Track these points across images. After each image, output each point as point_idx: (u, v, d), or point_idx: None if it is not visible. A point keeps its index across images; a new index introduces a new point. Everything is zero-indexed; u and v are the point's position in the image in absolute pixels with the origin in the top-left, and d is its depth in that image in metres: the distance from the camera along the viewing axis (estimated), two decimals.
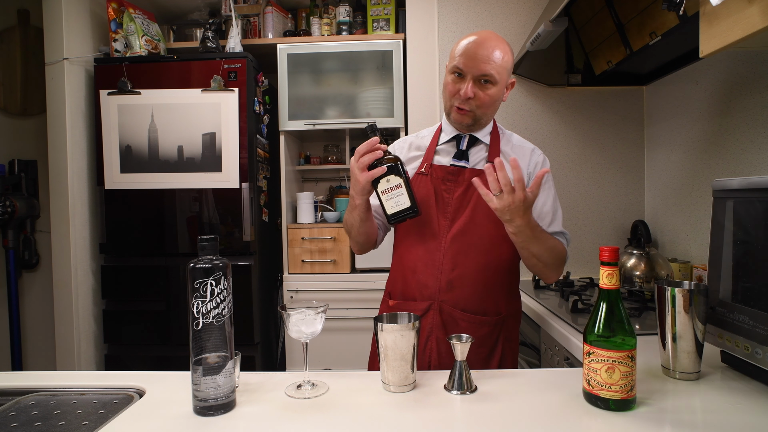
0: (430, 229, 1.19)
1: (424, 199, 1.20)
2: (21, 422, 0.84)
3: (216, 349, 0.79)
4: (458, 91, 1.15)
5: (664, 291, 0.94)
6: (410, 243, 1.23)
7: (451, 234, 1.18)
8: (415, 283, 1.20)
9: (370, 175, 1.05)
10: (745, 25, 0.92)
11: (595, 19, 1.88)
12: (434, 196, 1.20)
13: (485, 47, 1.12)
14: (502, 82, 1.15)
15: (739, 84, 1.58)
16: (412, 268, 1.21)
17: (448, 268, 1.17)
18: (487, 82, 1.13)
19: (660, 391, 0.87)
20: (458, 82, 1.15)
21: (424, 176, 1.22)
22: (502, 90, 1.17)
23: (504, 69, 1.14)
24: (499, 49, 1.13)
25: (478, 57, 1.11)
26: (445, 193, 1.20)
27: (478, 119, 1.18)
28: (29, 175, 2.65)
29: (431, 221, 1.19)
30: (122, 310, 2.28)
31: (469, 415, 0.80)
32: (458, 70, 1.14)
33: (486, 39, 1.13)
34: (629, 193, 2.29)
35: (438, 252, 1.18)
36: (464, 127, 1.21)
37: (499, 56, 1.12)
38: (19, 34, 2.70)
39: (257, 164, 2.32)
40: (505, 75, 1.15)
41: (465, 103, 1.15)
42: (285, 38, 2.49)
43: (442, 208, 1.20)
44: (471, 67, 1.12)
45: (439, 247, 1.18)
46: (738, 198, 0.91)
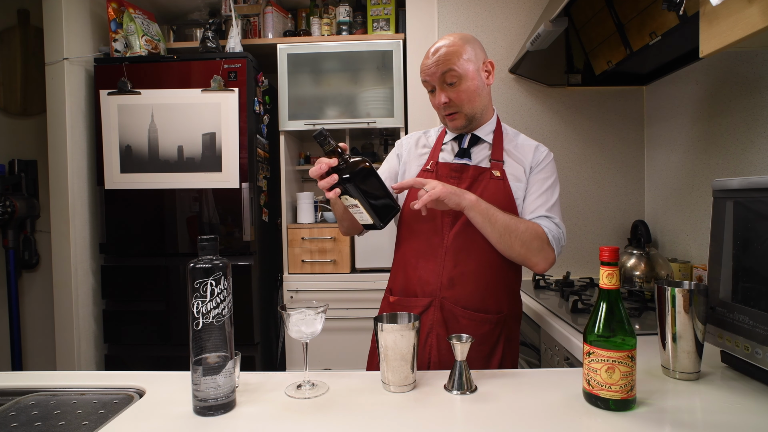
0: (433, 226, 1.19)
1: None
2: (21, 422, 0.84)
3: (216, 349, 0.80)
4: (437, 104, 1.19)
5: (664, 291, 0.94)
6: (412, 239, 1.23)
7: (453, 231, 1.17)
8: (416, 279, 1.20)
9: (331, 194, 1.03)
10: (745, 25, 0.92)
11: (595, 19, 1.88)
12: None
13: (433, 53, 1.16)
14: (469, 71, 1.15)
15: (739, 84, 1.58)
16: (414, 264, 1.21)
17: (450, 264, 1.16)
18: (452, 83, 1.15)
19: (660, 391, 0.87)
20: (434, 97, 1.20)
21: (430, 173, 1.23)
22: (477, 77, 1.17)
23: (460, 58, 1.13)
24: (446, 46, 1.14)
25: (431, 66, 1.15)
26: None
27: (469, 117, 1.19)
28: (29, 175, 2.65)
29: (434, 218, 1.19)
30: (122, 310, 2.28)
31: (469, 415, 0.80)
32: (429, 86, 1.20)
33: (435, 45, 1.17)
34: (629, 193, 2.29)
35: (440, 248, 1.18)
36: (461, 129, 1.23)
37: (448, 52, 1.13)
38: (19, 34, 2.70)
39: (257, 164, 2.32)
40: (468, 64, 1.15)
41: (447, 108, 1.18)
42: (285, 38, 2.49)
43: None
44: (431, 77, 1.16)
45: (441, 244, 1.18)
46: (738, 198, 0.92)
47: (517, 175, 1.20)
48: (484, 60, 1.20)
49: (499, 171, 1.19)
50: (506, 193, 1.18)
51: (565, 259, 2.30)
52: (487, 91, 1.22)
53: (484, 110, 1.22)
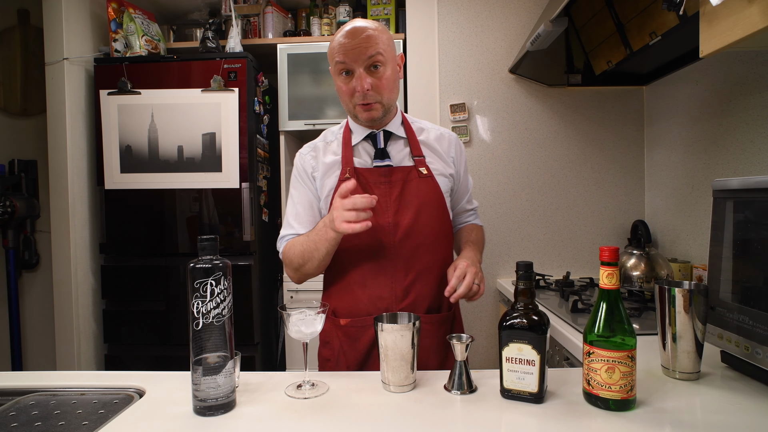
0: (375, 237, 1.11)
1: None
2: (21, 422, 0.84)
3: (216, 349, 0.79)
4: (354, 89, 1.08)
5: (664, 291, 0.94)
6: (354, 256, 1.13)
7: (397, 238, 1.11)
8: (366, 298, 1.12)
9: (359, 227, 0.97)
10: (745, 25, 0.92)
11: (595, 19, 1.88)
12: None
13: (357, 33, 1.06)
14: (391, 59, 1.10)
15: (739, 84, 1.58)
16: (361, 282, 1.13)
17: (401, 274, 1.11)
18: (377, 66, 1.08)
19: (660, 391, 0.87)
20: (349, 81, 1.09)
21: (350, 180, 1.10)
22: (395, 67, 1.13)
23: (387, 45, 1.08)
24: (371, 28, 1.07)
25: (357, 45, 1.05)
26: (383, 197, 1.12)
27: (386, 108, 1.13)
28: (29, 175, 2.65)
29: (375, 230, 1.08)
30: (122, 310, 2.28)
31: (469, 415, 0.80)
32: (344, 68, 1.08)
33: (355, 26, 1.08)
34: (629, 193, 2.29)
35: (387, 260, 1.11)
36: (376, 123, 1.15)
37: (375, 34, 1.06)
38: (19, 34, 2.70)
39: (257, 164, 2.32)
40: (391, 51, 1.11)
41: (367, 97, 1.08)
42: (285, 38, 2.49)
43: (383, 212, 1.11)
44: (356, 58, 1.06)
45: (387, 255, 1.11)
46: (738, 198, 0.92)
47: (440, 169, 1.19)
48: (400, 53, 1.18)
49: (425, 168, 1.16)
50: (437, 191, 1.16)
51: (565, 259, 2.30)
52: (399, 84, 1.19)
53: (394, 104, 1.17)
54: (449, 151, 1.23)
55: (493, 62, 2.31)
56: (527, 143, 2.31)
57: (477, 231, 1.32)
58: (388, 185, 1.13)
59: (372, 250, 1.12)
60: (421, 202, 1.13)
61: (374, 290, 1.12)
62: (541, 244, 2.31)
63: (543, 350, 0.81)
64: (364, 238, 1.10)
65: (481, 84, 2.31)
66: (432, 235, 1.14)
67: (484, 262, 2.29)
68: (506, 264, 2.31)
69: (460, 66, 2.31)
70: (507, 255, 2.31)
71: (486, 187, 2.31)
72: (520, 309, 0.84)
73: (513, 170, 2.31)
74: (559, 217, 2.30)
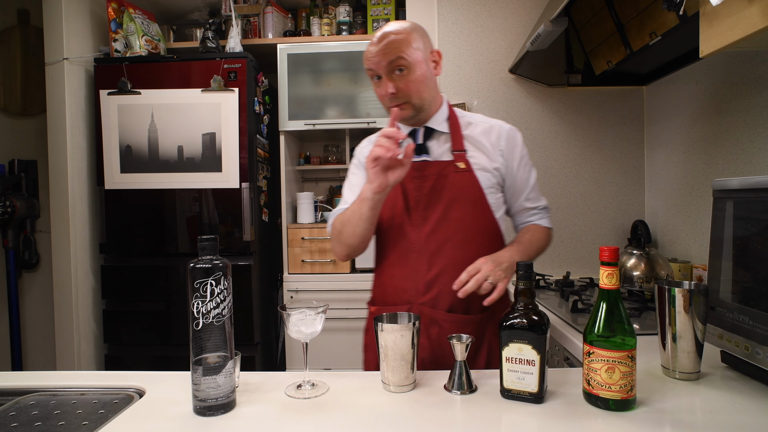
0: (402, 231, 1.15)
1: (392, 200, 1.16)
2: (21, 422, 0.84)
3: (216, 349, 0.79)
4: (383, 93, 1.12)
5: (664, 291, 0.94)
6: (385, 247, 1.19)
7: (424, 233, 1.13)
8: (392, 289, 1.16)
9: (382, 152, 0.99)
10: (745, 25, 0.92)
11: (595, 19, 1.88)
12: (403, 196, 1.15)
13: (381, 39, 1.08)
14: (418, 59, 1.09)
15: (739, 84, 1.58)
16: (390, 274, 1.17)
17: (424, 269, 1.12)
18: (401, 69, 1.09)
19: (660, 391, 0.87)
20: (379, 85, 1.13)
21: None
22: (425, 67, 1.11)
23: (409, 46, 1.08)
24: (393, 33, 1.08)
25: (379, 52, 1.08)
26: (414, 191, 1.14)
27: (417, 108, 1.13)
28: (29, 175, 2.65)
29: (403, 223, 1.14)
30: (122, 310, 2.28)
31: (469, 415, 0.80)
32: (373, 74, 1.12)
33: (381, 32, 1.10)
34: (629, 193, 2.29)
35: (412, 253, 1.13)
36: (410, 121, 1.17)
37: (399, 38, 1.07)
38: (19, 34, 2.70)
39: (257, 164, 2.32)
40: (417, 52, 1.09)
41: (394, 99, 1.11)
42: (285, 38, 2.49)
43: (413, 206, 1.15)
44: (378, 64, 1.09)
45: (412, 248, 1.13)
46: (738, 198, 0.91)
47: (483, 164, 1.15)
48: (432, 50, 1.15)
49: (464, 162, 1.14)
50: (474, 185, 1.14)
51: (565, 259, 2.30)
52: (435, 81, 1.16)
53: (432, 100, 1.16)
54: (497, 143, 1.17)
55: (493, 62, 2.31)
56: (527, 143, 2.29)
57: (532, 232, 1.22)
58: (420, 179, 1.14)
59: (401, 242, 1.15)
60: (454, 196, 1.12)
61: (399, 282, 1.15)
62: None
63: (543, 350, 0.81)
64: (394, 230, 1.16)
65: (481, 84, 2.31)
66: (463, 230, 1.13)
67: None
68: None
69: (460, 66, 2.31)
70: None
71: None
72: (520, 309, 0.84)
73: None
74: (559, 217, 2.30)
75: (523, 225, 1.26)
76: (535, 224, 1.25)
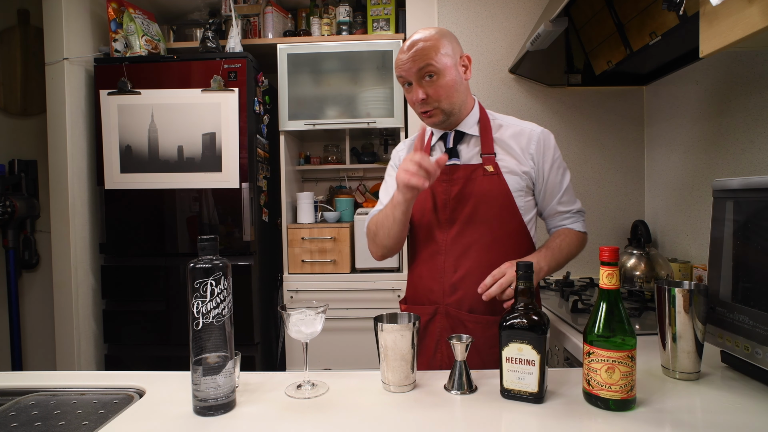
0: (430, 233, 1.18)
1: (422, 203, 1.19)
2: (21, 422, 0.84)
3: (216, 349, 0.79)
4: (414, 99, 1.14)
5: (664, 291, 0.94)
6: (416, 247, 1.24)
7: (450, 236, 1.16)
8: (422, 289, 1.20)
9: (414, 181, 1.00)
10: (745, 25, 0.92)
11: (595, 19, 1.88)
12: (432, 198, 1.18)
13: (410, 47, 1.11)
14: (447, 65, 1.10)
15: (739, 84, 1.58)
16: (419, 274, 1.21)
17: (450, 271, 1.15)
18: (431, 75, 1.10)
19: (660, 391, 0.87)
20: (410, 92, 1.15)
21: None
22: (454, 72, 1.12)
23: (438, 53, 1.09)
24: (422, 40, 1.10)
25: (408, 59, 1.10)
26: (443, 194, 1.17)
27: (447, 113, 1.15)
28: (29, 175, 2.65)
29: (431, 225, 1.18)
30: (122, 310, 2.28)
31: (469, 415, 0.80)
32: (404, 81, 1.15)
33: (411, 40, 1.12)
34: (629, 193, 2.29)
35: (439, 255, 1.17)
36: (441, 126, 1.19)
37: (427, 45, 1.09)
38: (19, 34, 2.70)
39: (257, 164, 2.32)
40: (446, 58, 1.10)
41: (424, 105, 1.13)
42: (285, 38, 2.49)
43: (441, 209, 1.18)
44: (408, 72, 1.12)
45: (439, 250, 1.17)
46: (738, 198, 0.91)
47: (511, 167, 1.16)
48: (461, 54, 1.15)
49: (492, 165, 1.15)
50: (502, 189, 1.15)
51: None
52: (465, 85, 1.17)
53: (462, 105, 1.17)
54: (528, 146, 1.17)
55: (493, 62, 2.31)
56: None
57: (563, 237, 1.20)
58: (448, 183, 1.17)
59: (429, 243, 1.19)
60: (481, 199, 1.14)
61: (427, 282, 1.19)
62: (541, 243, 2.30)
63: (543, 350, 0.81)
64: (423, 232, 1.20)
65: (481, 84, 2.31)
66: (490, 233, 1.14)
67: None
68: None
69: None
70: None
71: None
72: (520, 309, 0.84)
73: None
74: None
75: (556, 228, 1.26)
76: (568, 228, 1.23)
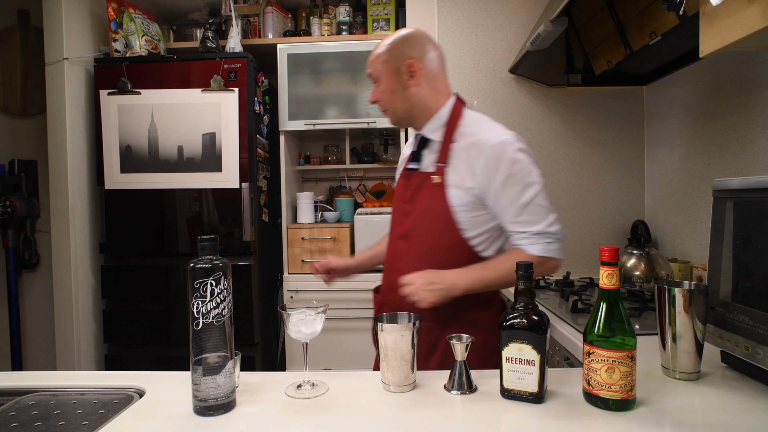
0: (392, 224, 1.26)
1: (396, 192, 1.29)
2: (21, 422, 0.84)
3: (216, 349, 0.79)
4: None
5: (664, 291, 0.94)
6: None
7: (397, 234, 1.21)
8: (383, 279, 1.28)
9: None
10: (745, 25, 0.92)
11: (595, 19, 1.88)
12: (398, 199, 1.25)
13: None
14: (385, 72, 1.15)
15: (739, 84, 1.58)
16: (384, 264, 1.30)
17: (393, 270, 1.19)
18: (375, 82, 1.19)
19: (660, 391, 0.87)
20: None
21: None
22: (393, 79, 1.14)
23: (378, 62, 1.16)
24: (375, 47, 1.19)
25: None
26: (398, 198, 1.23)
27: (396, 116, 1.20)
28: (29, 175, 2.65)
29: (393, 216, 1.25)
30: (122, 310, 2.28)
31: (469, 415, 0.80)
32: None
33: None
34: (629, 193, 2.29)
35: (390, 253, 1.24)
36: (400, 126, 1.25)
37: (372, 53, 1.18)
38: (19, 34, 2.70)
39: (257, 164, 2.32)
40: (383, 66, 1.15)
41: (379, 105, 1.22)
42: (285, 38, 2.49)
43: (395, 210, 1.25)
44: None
45: (389, 250, 1.24)
46: (738, 198, 0.91)
47: (457, 181, 1.10)
48: (407, 61, 1.13)
49: (440, 176, 1.12)
50: (441, 202, 1.11)
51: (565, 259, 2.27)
52: (412, 93, 1.14)
53: (414, 110, 1.16)
54: (475, 162, 1.09)
55: (493, 62, 2.31)
56: (527, 143, 2.29)
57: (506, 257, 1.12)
58: (404, 188, 1.21)
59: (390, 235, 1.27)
60: (423, 211, 1.14)
61: (384, 274, 1.26)
62: None
63: (543, 350, 0.81)
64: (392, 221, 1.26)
65: (481, 84, 2.31)
66: (426, 245, 1.14)
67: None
68: None
69: (460, 66, 2.31)
70: None
71: None
72: (520, 309, 0.84)
73: None
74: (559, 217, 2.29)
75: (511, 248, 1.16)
76: (519, 249, 1.11)
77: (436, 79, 1.17)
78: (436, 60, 1.16)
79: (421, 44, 1.15)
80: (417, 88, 1.15)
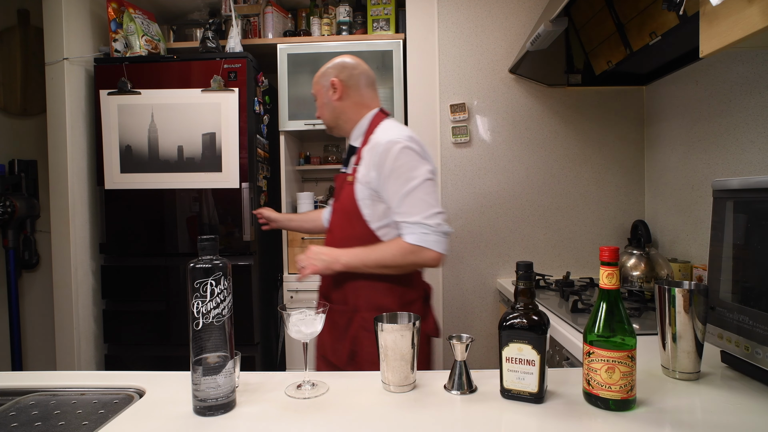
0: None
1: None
2: (21, 422, 0.84)
3: (216, 349, 0.79)
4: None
5: (664, 291, 0.94)
6: None
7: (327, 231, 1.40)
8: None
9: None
10: (745, 25, 0.92)
11: (595, 19, 1.88)
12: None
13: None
14: (319, 90, 1.38)
15: (739, 84, 1.58)
16: None
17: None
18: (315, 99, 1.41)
19: (660, 391, 0.87)
20: None
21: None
22: (323, 94, 1.37)
23: (315, 83, 1.40)
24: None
25: None
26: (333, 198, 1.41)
27: (328, 126, 1.41)
28: (29, 175, 2.65)
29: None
30: (122, 310, 2.28)
31: (469, 415, 0.80)
32: None
33: None
34: (629, 193, 2.29)
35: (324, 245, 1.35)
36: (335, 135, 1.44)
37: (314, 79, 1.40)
38: (19, 34, 2.70)
39: (257, 164, 2.32)
40: (318, 85, 1.38)
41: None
42: (285, 38, 2.49)
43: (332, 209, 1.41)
44: None
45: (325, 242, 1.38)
46: (738, 198, 0.92)
47: (360, 177, 1.26)
48: (331, 80, 1.34)
49: (353, 175, 1.28)
50: (351, 197, 1.27)
51: (565, 259, 2.30)
52: (336, 106, 1.35)
53: (339, 120, 1.37)
54: (372, 159, 1.23)
55: (493, 62, 2.31)
56: (527, 143, 2.31)
57: (386, 243, 1.23)
58: (336, 189, 1.41)
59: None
60: (340, 206, 1.32)
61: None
62: (541, 244, 2.31)
63: (543, 350, 0.81)
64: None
65: (481, 84, 2.31)
66: (342, 238, 1.30)
67: (485, 261, 2.30)
68: (506, 264, 2.31)
69: (460, 66, 2.32)
70: (507, 255, 2.31)
71: (486, 187, 2.31)
72: (520, 309, 0.84)
73: (513, 170, 2.31)
74: (559, 217, 2.30)
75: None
76: (398, 237, 1.22)
77: (359, 95, 1.35)
78: (358, 79, 1.35)
79: (345, 67, 1.36)
80: (339, 102, 1.35)
